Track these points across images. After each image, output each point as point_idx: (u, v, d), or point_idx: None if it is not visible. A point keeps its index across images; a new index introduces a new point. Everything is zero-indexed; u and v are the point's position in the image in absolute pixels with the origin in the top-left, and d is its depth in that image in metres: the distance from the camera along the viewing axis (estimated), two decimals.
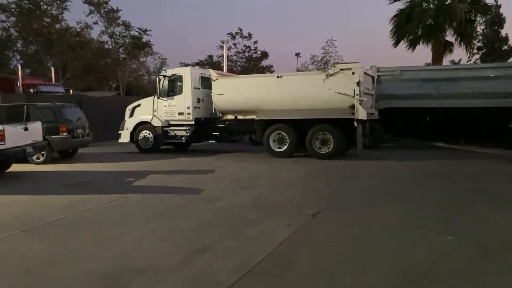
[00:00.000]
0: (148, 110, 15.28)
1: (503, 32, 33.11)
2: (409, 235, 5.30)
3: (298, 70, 31.44)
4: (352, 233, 5.44)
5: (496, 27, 33.07)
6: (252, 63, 35.31)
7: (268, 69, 35.98)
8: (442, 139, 14.96)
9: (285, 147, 13.35)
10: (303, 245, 4.98)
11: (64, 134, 12.81)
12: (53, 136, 12.49)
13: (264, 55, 35.91)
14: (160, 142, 15.23)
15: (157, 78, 15.38)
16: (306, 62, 27.18)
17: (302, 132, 13.05)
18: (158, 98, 15.08)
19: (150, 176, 10.29)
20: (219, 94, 14.10)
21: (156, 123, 15.04)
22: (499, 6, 32.24)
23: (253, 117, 13.79)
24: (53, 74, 23.77)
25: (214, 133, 14.96)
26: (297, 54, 39.77)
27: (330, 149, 12.77)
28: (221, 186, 8.84)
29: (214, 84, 14.20)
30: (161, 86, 15.04)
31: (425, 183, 9.09)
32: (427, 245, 4.90)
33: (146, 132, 15.27)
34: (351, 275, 4.11)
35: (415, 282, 3.93)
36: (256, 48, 35.32)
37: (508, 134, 14.86)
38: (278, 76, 13.71)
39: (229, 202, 7.28)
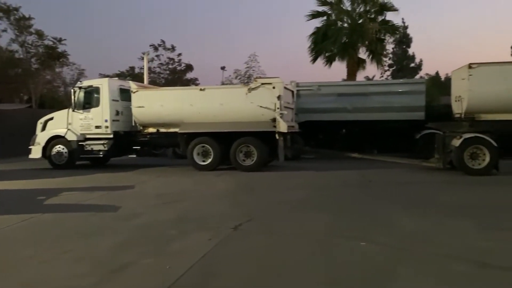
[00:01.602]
0: (62, 124, 14.41)
1: (410, 51, 36.11)
2: (328, 243, 5.49)
3: (222, 84, 31.59)
4: (273, 243, 5.52)
5: (404, 46, 35.97)
6: (176, 76, 34.86)
7: (193, 82, 35.73)
8: (357, 150, 15.86)
9: (210, 160, 13.29)
10: (224, 258, 4.96)
11: None
12: None
13: (189, 67, 35.65)
14: (75, 157, 14.41)
15: (72, 90, 14.60)
16: (230, 76, 27.52)
17: (226, 145, 13.10)
18: (73, 110, 14.30)
19: (64, 193, 9.65)
20: (139, 107, 13.71)
21: (71, 137, 14.22)
22: (407, 27, 35.23)
23: (176, 130, 13.58)
24: None
25: (134, 147, 14.49)
26: (223, 68, 40.00)
27: (254, 161, 12.95)
28: (141, 202, 8.53)
29: (133, 96, 13.79)
30: (76, 98, 14.28)
31: (343, 193, 9.51)
32: (343, 252, 5.11)
33: (59, 147, 14.37)
34: (272, 285, 4.15)
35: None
36: (180, 60, 35.00)
37: (416, 144, 16.11)
38: (201, 89, 13.70)
39: (149, 219, 7.04)
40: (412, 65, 36.02)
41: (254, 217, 6.99)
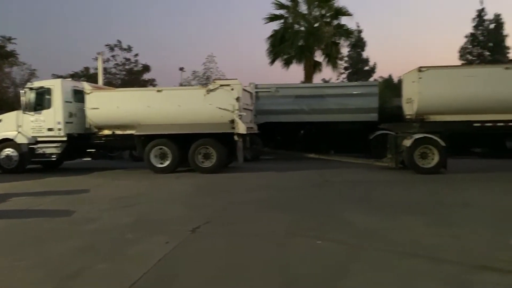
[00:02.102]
0: (11, 126, 13.78)
1: (365, 54, 37.19)
2: (286, 243, 5.58)
3: (181, 85, 31.25)
4: (231, 245, 5.54)
5: (359, 50, 37.02)
6: (133, 77, 34.12)
7: (151, 83, 35.08)
8: (315, 150, 16.20)
9: (168, 162, 13.14)
10: (181, 261, 4.93)
11: None
12: None
13: (146, 68, 34.98)
14: (26, 161, 13.82)
15: (22, 91, 13.98)
16: (188, 77, 27.29)
17: (184, 147, 13.00)
18: (23, 112, 13.70)
19: (14, 199, 9.25)
20: (94, 108, 13.36)
21: (21, 140, 13.63)
22: (361, 31, 36.26)
23: (133, 132, 13.32)
24: None
25: (89, 150, 14.10)
26: (181, 69, 39.49)
27: (213, 163, 12.93)
28: (97, 207, 8.31)
29: (88, 98, 13.41)
30: (27, 99, 13.69)
31: (301, 193, 9.69)
32: (301, 251, 5.21)
33: (9, 150, 13.74)
34: (229, 286, 4.18)
35: (292, 285, 4.15)
36: (137, 61, 34.29)
37: (370, 145, 16.66)
38: (158, 90, 13.54)
39: (105, 223, 6.88)
40: (367, 68, 37.11)
41: (212, 219, 6.99)
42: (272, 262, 4.82)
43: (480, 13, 32.68)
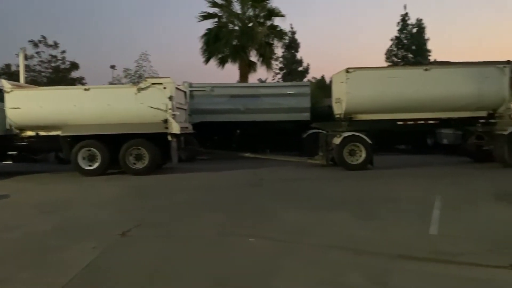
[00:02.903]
0: None
1: (298, 55, 38.15)
2: (219, 242, 5.57)
3: (111, 83, 30.05)
4: (162, 247, 5.43)
5: (293, 51, 37.90)
6: (60, 74, 32.30)
7: (79, 81, 33.41)
8: (251, 150, 16.32)
9: (97, 164, 12.58)
10: (109, 267, 4.75)
11: None
12: None
13: (74, 66, 33.27)
14: None
15: None
16: (119, 75, 26.25)
17: (115, 148, 12.52)
18: None
19: None
20: (15, 108, 12.46)
21: None
22: (295, 33, 37.16)
23: (58, 133, 12.58)
24: None
25: (10, 153, 13.13)
26: (112, 67, 37.98)
27: (146, 164, 12.58)
28: (18, 213, 7.79)
29: (7, 97, 12.49)
30: None
31: (236, 192, 9.71)
32: (234, 250, 5.24)
33: None
34: None
35: (224, 285, 4.15)
36: (64, 58, 32.51)
37: (303, 143, 17.12)
38: (86, 89, 12.93)
39: (27, 230, 6.44)
40: (300, 69, 38.11)
41: (144, 222, 6.80)
42: (204, 263, 4.79)
43: (404, 18, 34.82)
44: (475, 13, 58.68)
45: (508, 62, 13.31)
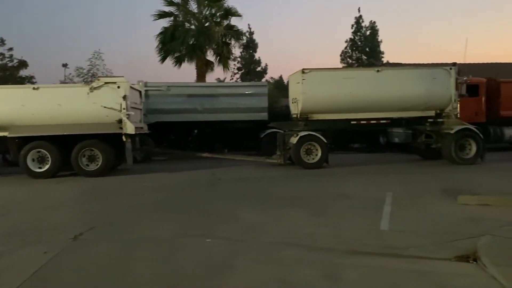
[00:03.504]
0: None
1: (257, 55, 38.30)
2: (175, 244, 5.52)
3: (63, 82, 28.91)
4: (116, 251, 5.31)
5: (251, 51, 38.02)
6: (7, 73, 30.71)
7: (29, 80, 31.89)
8: (209, 149, 16.24)
9: (47, 166, 12.09)
10: (60, 271, 4.61)
11: None
12: None
13: (23, 64, 31.73)
14: None
15: None
16: (71, 74, 25.24)
17: (67, 149, 12.09)
18: None
19: None
20: None
21: None
22: (253, 33, 37.28)
23: (5, 134, 11.99)
24: None
25: None
26: (64, 65, 36.51)
27: (99, 165, 12.23)
28: None
29: None
30: None
31: (192, 193, 9.66)
32: (190, 251, 5.21)
33: None
34: None
35: (178, 286, 4.12)
36: (11, 56, 30.96)
37: (261, 143, 17.22)
38: (34, 88, 12.38)
39: None
40: (259, 69, 38.29)
41: (97, 225, 6.62)
42: (159, 265, 4.74)
43: (358, 20, 35.79)
44: (425, 17, 61.31)
45: (454, 64, 14.00)
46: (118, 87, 12.00)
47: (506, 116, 17.26)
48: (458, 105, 13.94)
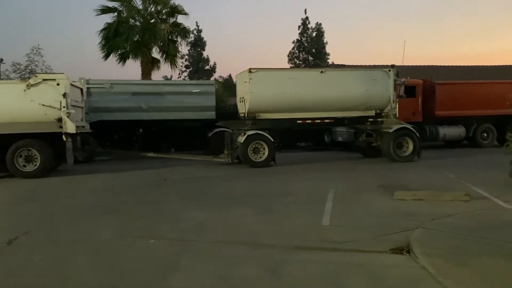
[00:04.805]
0: None
1: (205, 54, 37.98)
2: (117, 246, 5.41)
3: None
4: (54, 255, 5.10)
5: (199, 49, 37.66)
6: None
7: None
8: (155, 149, 15.94)
9: None
10: None
11: None
12: None
13: None
14: None
15: None
16: (7, 70, 23.76)
17: (1, 149, 11.41)
18: None
19: None
20: None
21: None
22: (201, 31, 36.94)
23: None
24: None
25: None
26: (0, 61, 34.25)
27: (37, 166, 11.67)
28: None
29: None
30: None
31: (136, 193, 9.45)
32: (132, 253, 5.12)
33: None
34: None
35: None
36: None
37: (208, 142, 17.15)
38: None
39: None
40: (207, 67, 38.03)
41: (34, 228, 6.34)
42: (99, 268, 4.62)
43: (305, 22, 36.52)
44: (368, 20, 63.64)
45: (392, 66, 14.70)
46: (58, 84, 11.48)
47: (441, 116, 18.39)
48: (397, 105, 14.68)
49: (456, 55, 58.01)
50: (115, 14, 21.25)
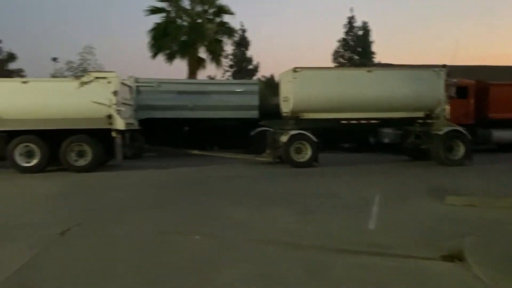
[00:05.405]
0: None
1: (249, 53, 38.19)
2: (161, 241, 5.49)
3: (53, 76, 28.55)
4: (103, 247, 5.28)
5: (243, 49, 37.93)
6: None
7: (18, 74, 31.51)
8: (199, 147, 16.19)
9: (35, 161, 11.98)
10: (46, 267, 4.57)
11: None
12: None
13: (11, 57, 31.39)
14: None
15: None
16: (61, 68, 25.04)
17: (55, 144, 11.97)
18: None
19: None
20: None
21: None
22: (245, 31, 37.18)
23: None
24: None
25: None
26: (54, 59, 36.04)
27: (88, 161, 12.14)
28: None
29: None
30: None
31: (181, 190, 9.61)
32: (175, 248, 5.20)
33: None
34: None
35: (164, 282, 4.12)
36: (0, 48, 30.63)
37: (251, 141, 17.21)
38: (23, 82, 12.26)
39: None
40: (250, 67, 38.21)
41: (84, 221, 6.58)
42: (144, 261, 4.71)
43: (350, 20, 35.89)
44: (418, 18, 61.67)
45: (443, 66, 14.12)
46: (109, 82, 11.91)
47: (494, 118, 17.47)
48: (448, 106, 14.09)
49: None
50: (164, 14, 21.80)
